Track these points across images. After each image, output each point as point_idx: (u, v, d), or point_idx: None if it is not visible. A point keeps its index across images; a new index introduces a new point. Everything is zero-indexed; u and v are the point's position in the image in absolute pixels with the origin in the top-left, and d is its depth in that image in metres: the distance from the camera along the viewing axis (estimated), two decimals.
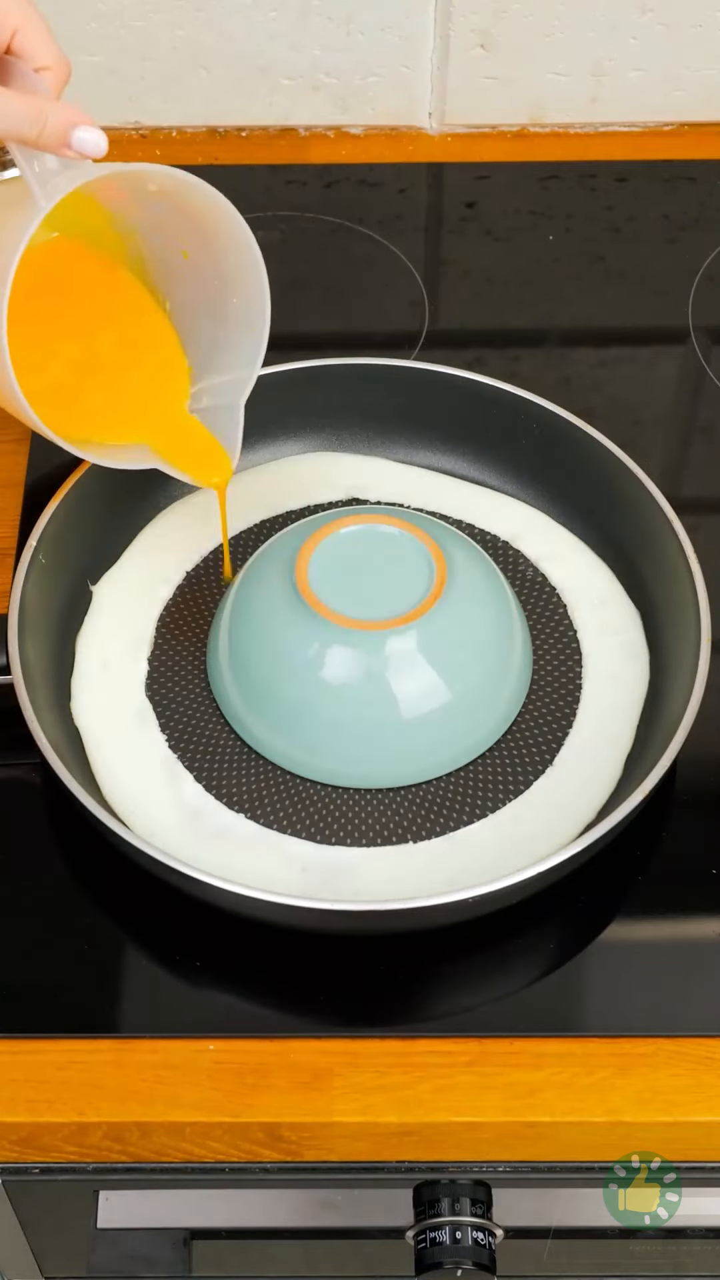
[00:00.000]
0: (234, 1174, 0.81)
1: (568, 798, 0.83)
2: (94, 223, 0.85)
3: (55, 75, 0.75)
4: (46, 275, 0.84)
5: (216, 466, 0.86)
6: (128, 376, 0.88)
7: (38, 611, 0.86)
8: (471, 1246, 0.80)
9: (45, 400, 0.80)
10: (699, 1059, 0.77)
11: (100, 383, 0.87)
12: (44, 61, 0.74)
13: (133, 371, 0.88)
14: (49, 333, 0.86)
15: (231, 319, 0.85)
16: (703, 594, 0.84)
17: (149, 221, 0.85)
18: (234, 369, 0.86)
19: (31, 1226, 0.91)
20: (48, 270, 0.84)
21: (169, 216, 0.83)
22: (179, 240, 0.84)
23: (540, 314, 1.10)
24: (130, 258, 0.87)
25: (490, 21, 1.13)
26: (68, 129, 0.72)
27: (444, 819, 0.83)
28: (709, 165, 1.17)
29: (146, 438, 0.87)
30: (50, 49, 0.74)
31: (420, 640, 0.83)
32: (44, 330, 0.85)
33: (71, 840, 0.84)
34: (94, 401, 0.87)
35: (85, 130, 0.72)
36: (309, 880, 0.81)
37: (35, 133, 0.71)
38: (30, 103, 0.71)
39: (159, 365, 0.88)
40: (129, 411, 0.88)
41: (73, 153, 0.72)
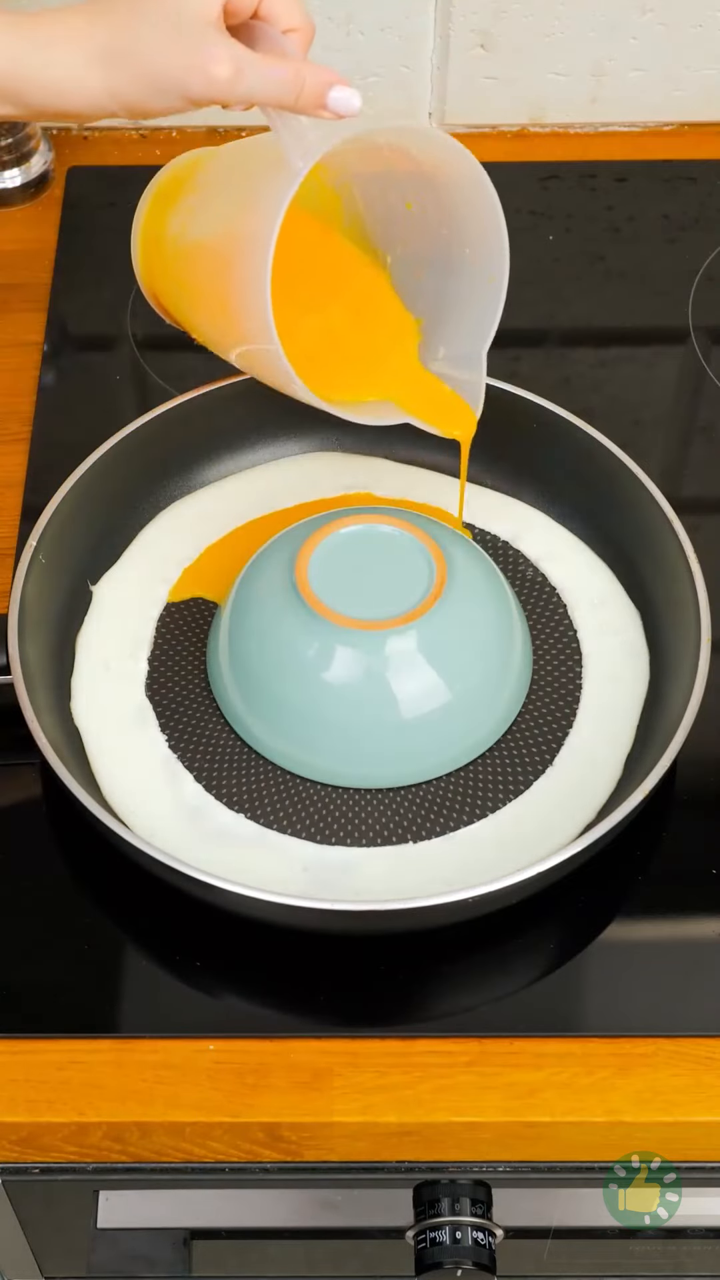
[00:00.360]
0: (234, 1174, 0.81)
1: (568, 798, 0.83)
2: (311, 181, 0.82)
3: (302, 36, 0.74)
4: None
5: (459, 418, 0.86)
6: (357, 337, 0.87)
7: (38, 611, 0.86)
8: (471, 1246, 0.80)
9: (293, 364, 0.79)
10: (699, 1059, 0.77)
11: (333, 345, 0.87)
12: (292, 23, 0.73)
13: (362, 332, 0.87)
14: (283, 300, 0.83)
15: (464, 269, 0.84)
16: (703, 594, 0.84)
17: (371, 174, 0.83)
18: (470, 318, 0.85)
19: (31, 1226, 0.91)
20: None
21: (395, 168, 0.81)
22: (404, 192, 0.83)
23: (540, 314, 1.10)
24: (345, 213, 0.86)
25: (490, 21, 1.13)
26: (324, 89, 0.71)
27: (444, 819, 0.83)
28: (709, 165, 1.17)
29: (387, 394, 0.86)
30: (297, 10, 0.74)
31: (420, 640, 0.83)
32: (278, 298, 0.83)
33: (71, 840, 0.84)
34: (331, 364, 0.86)
35: (340, 90, 0.72)
36: (309, 880, 0.81)
37: (294, 97, 0.71)
38: (287, 67, 0.71)
39: (387, 323, 0.87)
40: (365, 371, 0.87)
41: (329, 113, 0.72)
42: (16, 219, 1.14)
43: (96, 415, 1.01)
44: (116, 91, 0.70)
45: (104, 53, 0.70)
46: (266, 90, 0.71)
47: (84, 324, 1.09)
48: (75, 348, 1.08)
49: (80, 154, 1.18)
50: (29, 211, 1.14)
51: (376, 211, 0.85)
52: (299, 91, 0.71)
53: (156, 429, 0.92)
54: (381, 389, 0.86)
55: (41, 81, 0.70)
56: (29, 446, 1.00)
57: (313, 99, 0.71)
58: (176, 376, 1.03)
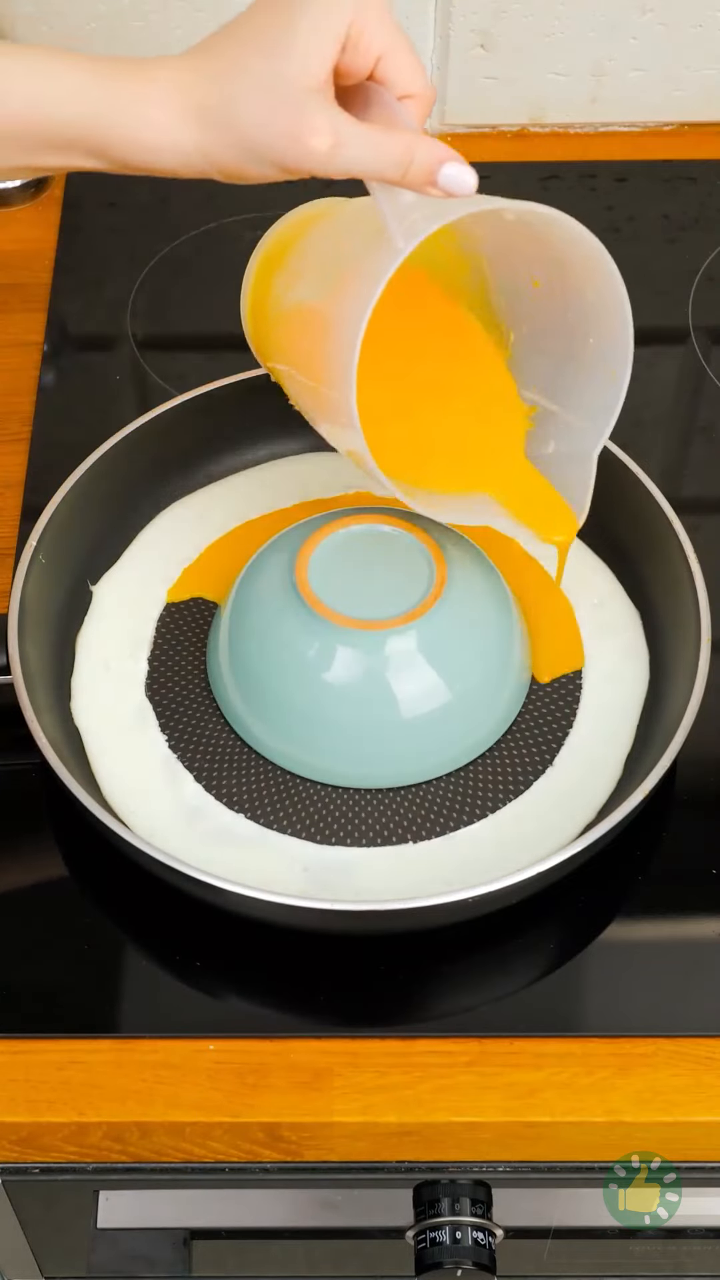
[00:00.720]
0: (234, 1174, 0.81)
1: (568, 798, 0.83)
2: (437, 245, 0.77)
3: (420, 104, 0.69)
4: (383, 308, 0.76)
5: (560, 522, 0.80)
6: (464, 421, 0.82)
7: (38, 611, 0.86)
8: (471, 1246, 0.80)
9: (384, 446, 0.76)
10: (699, 1059, 0.77)
11: (436, 428, 0.82)
12: (409, 89, 0.68)
13: (470, 415, 0.82)
14: (386, 374, 0.79)
15: (586, 358, 0.78)
16: (703, 594, 0.84)
17: (499, 245, 0.78)
18: (586, 413, 0.80)
19: (31, 1226, 0.91)
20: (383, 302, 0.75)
21: (522, 242, 0.76)
22: (531, 267, 0.78)
23: None
24: (472, 282, 0.81)
25: (490, 21, 1.13)
26: (435, 167, 0.66)
27: (444, 819, 0.83)
28: (709, 165, 1.17)
29: (487, 486, 0.81)
30: (417, 76, 0.68)
31: (420, 640, 0.83)
32: (381, 371, 0.78)
33: (71, 840, 0.84)
34: (430, 447, 0.81)
35: (454, 167, 0.66)
36: (309, 880, 0.81)
37: (400, 173, 0.66)
38: (397, 141, 0.65)
39: (498, 408, 0.82)
40: (466, 458, 0.82)
41: (438, 191, 0.66)
42: (16, 219, 1.14)
43: (96, 415, 1.01)
44: (210, 154, 0.65)
45: (200, 111, 0.65)
46: (370, 164, 0.66)
47: (84, 324, 1.09)
48: (75, 348, 1.08)
49: None
50: (29, 211, 1.15)
51: (504, 285, 0.80)
52: (407, 167, 0.66)
53: (156, 429, 0.92)
54: (482, 480, 0.81)
55: (132, 139, 0.65)
56: (29, 446, 1.00)
57: (422, 176, 0.66)
58: (176, 376, 1.03)
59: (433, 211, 0.68)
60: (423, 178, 0.66)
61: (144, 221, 1.13)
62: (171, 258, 1.11)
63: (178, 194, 1.15)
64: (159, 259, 1.10)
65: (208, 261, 1.10)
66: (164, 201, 1.15)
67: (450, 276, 0.80)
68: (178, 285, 1.09)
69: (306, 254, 0.77)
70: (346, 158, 0.65)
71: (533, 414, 0.82)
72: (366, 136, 0.65)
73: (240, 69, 0.65)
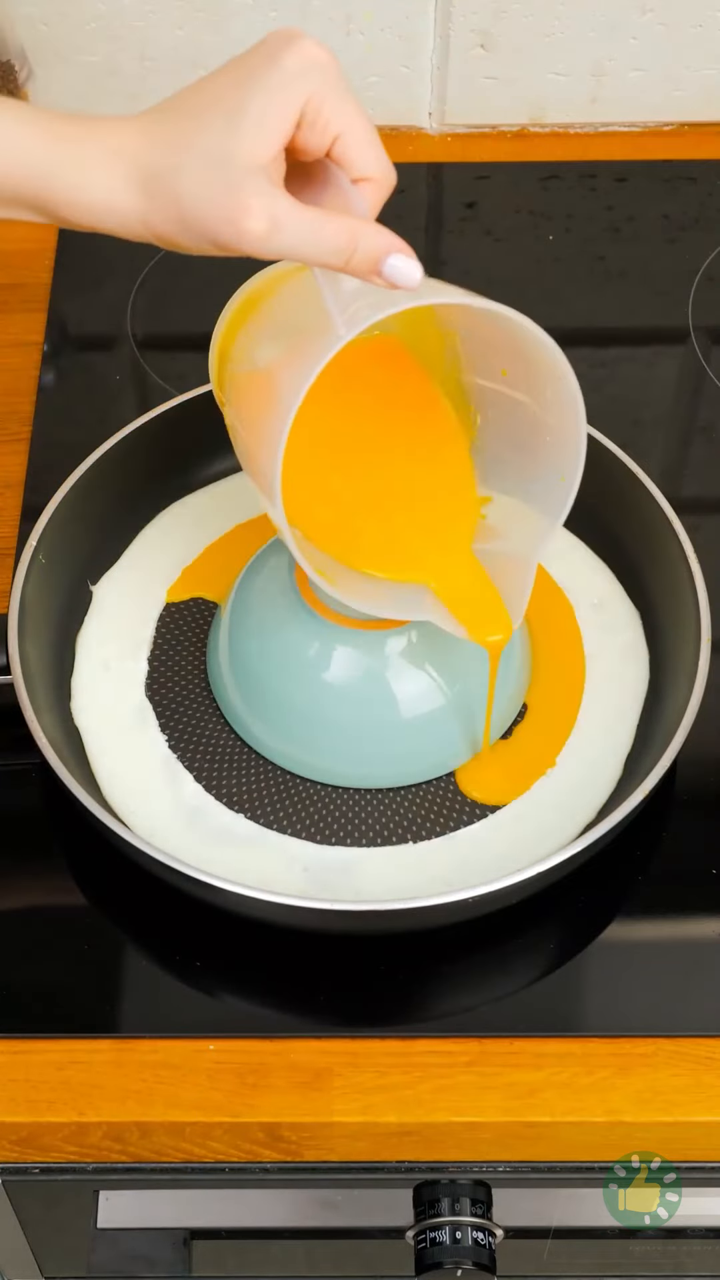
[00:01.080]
0: (234, 1174, 0.81)
1: (568, 798, 0.83)
2: (417, 315, 0.76)
3: (376, 189, 0.67)
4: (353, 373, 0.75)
5: (496, 623, 0.77)
6: (415, 504, 0.79)
7: (38, 611, 0.86)
8: (471, 1246, 0.80)
9: (326, 517, 0.75)
10: (699, 1059, 0.77)
11: (386, 507, 0.79)
12: (365, 172, 0.66)
13: (421, 499, 0.79)
14: (343, 441, 0.78)
15: (542, 456, 0.76)
16: (703, 594, 0.84)
17: (470, 325, 0.76)
18: (533, 514, 0.77)
19: (31, 1226, 0.91)
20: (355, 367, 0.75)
21: (491, 330, 0.73)
22: (499, 356, 0.75)
23: (540, 314, 1.09)
24: (447, 359, 0.78)
25: (490, 21, 1.13)
26: (380, 257, 0.64)
27: (444, 819, 0.83)
28: (709, 165, 1.17)
29: (426, 576, 0.78)
30: (372, 159, 0.66)
31: (420, 640, 0.83)
32: (338, 438, 0.78)
33: (71, 840, 0.84)
34: (377, 527, 0.79)
35: (399, 259, 0.64)
36: (309, 880, 0.81)
37: (342, 260, 0.64)
38: (341, 228, 0.63)
39: (450, 496, 0.79)
40: (411, 544, 0.79)
41: (382, 281, 0.64)
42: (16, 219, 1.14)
43: (96, 415, 1.01)
44: (149, 223, 0.64)
45: (144, 179, 0.63)
46: (308, 250, 0.64)
47: (84, 324, 1.09)
48: (75, 348, 1.08)
49: None
50: None
51: (475, 365, 0.77)
52: (349, 255, 0.64)
53: (156, 429, 0.92)
54: (423, 569, 0.78)
55: (75, 200, 0.64)
56: (29, 446, 1.00)
57: (365, 265, 0.64)
58: (176, 376, 1.03)
59: (377, 301, 0.66)
60: (366, 267, 0.64)
61: None
62: (171, 258, 1.10)
63: None
64: (159, 259, 1.10)
65: (208, 261, 1.10)
66: None
67: (428, 349, 0.78)
68: (178, 285, 1.09)
69: (268, 315, 0.75)
70: (283, 242, 0.63)
71: (487, 504, 0.80)
72: (307, 221, 0.63)
73: (188, 141, 0.63)
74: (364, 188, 0.66)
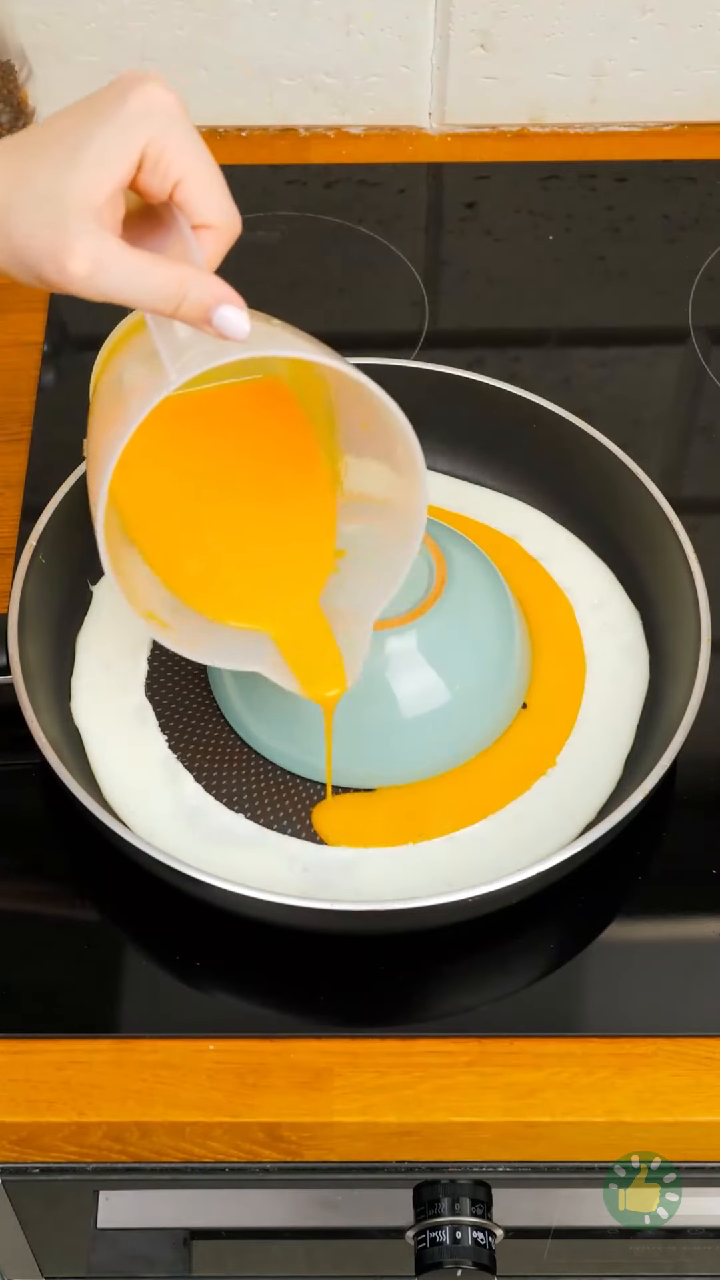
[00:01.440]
0: (234, 1174, 0.81)
1: (568, 798, 0.83)
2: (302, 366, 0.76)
3: (217, 236, 0.66)
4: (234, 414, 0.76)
5: (332, 679, 0.78)
6: (268, 553, 0.79)
7: (38, 611, 0.86)
8: (471, 1246, 0.80)
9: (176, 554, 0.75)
10: (699, 1059, 0.77)
11: (236, 553, 0.79)
12: (204, 219, 0.66)
13: (276, 546, 0.79)
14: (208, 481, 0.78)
15: (389, 514, 0.76)
16: (703, 594, 0.84)
17: (338, 384, 0.75)
18: (377, 572, 0.77)
19: (31, 1226, 0.91)
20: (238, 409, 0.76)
21: (352, 389, 0.72)
22: (360, 409, 0.74)
23: (540, 314, 1.10)
24: (324, 407, 0.77)
25: (490, 21, 1.13)
26: (211, 306, 0.63)
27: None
28: (709, 165, 1.17)
29: (268, 625, 0.78)
30: (213, 206, 0.66)
31: (420, 640, 0.83)
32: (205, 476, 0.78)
33: (71, 840, 0.84)
34: (223, 572, 0.78)
35: (228, 310, 0.64)
36: (309, 880, 0.81)
37: (171, 307, 0.63)
38: (170, 275, 0.63)
39: (306, 546, 0.79)
40: (259, 591, 0.79)
41: (213, 330, 0.64)
42: None
43: None
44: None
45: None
46: (135, 294, 0.63)
47: (84, 324, 1.09)
48: (75, 348, 1.08)
49: None
50: None
51: (345, 417, 0.77)
52: (179, 302, 0.63)
53: None
54: (266, 617, 0.78)
55: None
56: (29, 446, 1.00)
57: (195, 313, 0.64)
58: None
59: (211, 350, 0.66)
60: (196, 315, 0.64)
61: None
62: None
63: None
64: None
65: None
66: None
67: (312, 396, 0.78)
68: None
69: (123, 354, 0.74)
70: (107, 284, 0.63)
71: (341, 559, 0.79)
72: (134, 266, 0.63)
73: (26, 177, 0.63)
74: (204, 235, 0.66)
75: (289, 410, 0.78)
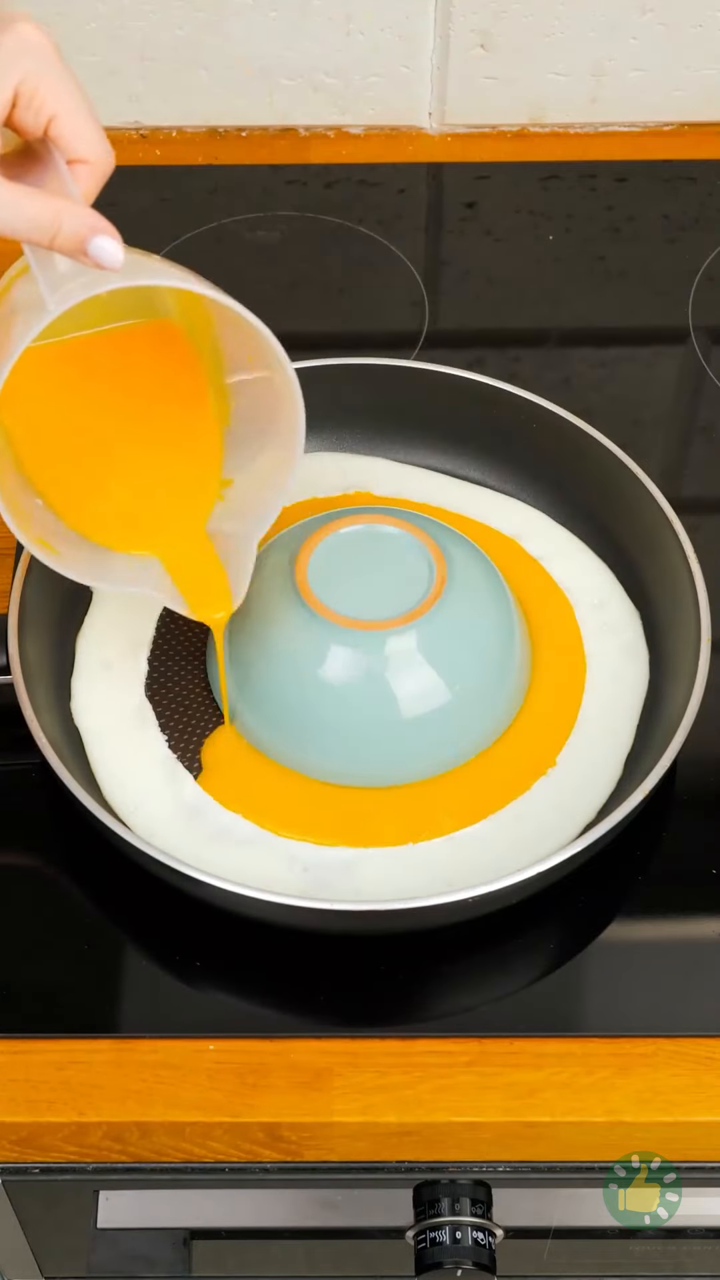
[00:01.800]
0: (234, 1174, 0.81)
1: (568, 798, 0.83)
2: (191, 304, 0.78)
3: (91, 170, 0.68)
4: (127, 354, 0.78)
5: (217, 599, 0.81)
6: (154, 482, 0.82)
7: (38, 611, 0.86)
8: (471, 1246, 0.80)
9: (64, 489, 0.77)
10: (699, 1059, 0.77)
11: (124, 482, 0.82)
12: (80, 154, 0.68)
13: (161, 478, 0.82)
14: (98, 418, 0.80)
15: (275, 443, 0.78)
16: (703, 594, 0.84)
17: (220, 316, 0.77)
18: (260, 498, 0.80)
19: (31, 1226, 0.91)
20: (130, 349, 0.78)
21: (230, 318, 0.74)
22: (242, 340, 0.76)
23: (540, 314, 1.10)
24: (210, 342, 0.80)
25: (490, 21, 1.13)
26: (86, 236, 0.65)
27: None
28: (709, 165, 1.17)
29: (157, 549, 0.81)
30: (86, 141, 0.68)
31: (420, 640, 0.83)
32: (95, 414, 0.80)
33: (71, 840, 0.84)
34: (113, 502, 0.81)
35: (103, 239, 0.66)
36: (309, 880, 0.81)
37: (48, 239, 0.65)
38: (44, 205, 0.65)
39: (194, 473, 0.82)
40: (146, 518, 0.82)
41: (89, 260, 0.66)
42: None
43: None
44: None
45: None
46: (11, 226, 0.65)
47: None
48: None
49: None
50: None
51: (230, 351, 0.79)
52: (54, 233, 0.65)
53: None
54: (154, 542, 0.81)
55: None
56: None
57: (70, 243, 0.65)
58: None
59: (89, 280, 0.67)
60: (72, 245, 0.65)
61: (144, 222, 1.13)
62: (171, 258, 1.11)
63: (178, 194, 1.15)
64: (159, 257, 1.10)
65: (208, 261, 1.10)
66: (164, 202, 1.15)
67: (199, 338, 0.80)
68: None
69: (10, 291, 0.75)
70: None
71: (228, 487, 0.82)
72: (7, 198, 0.65)
73: None
74: (79, 169, 0.68)
75: (178, 350, 0.80)
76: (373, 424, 0.97)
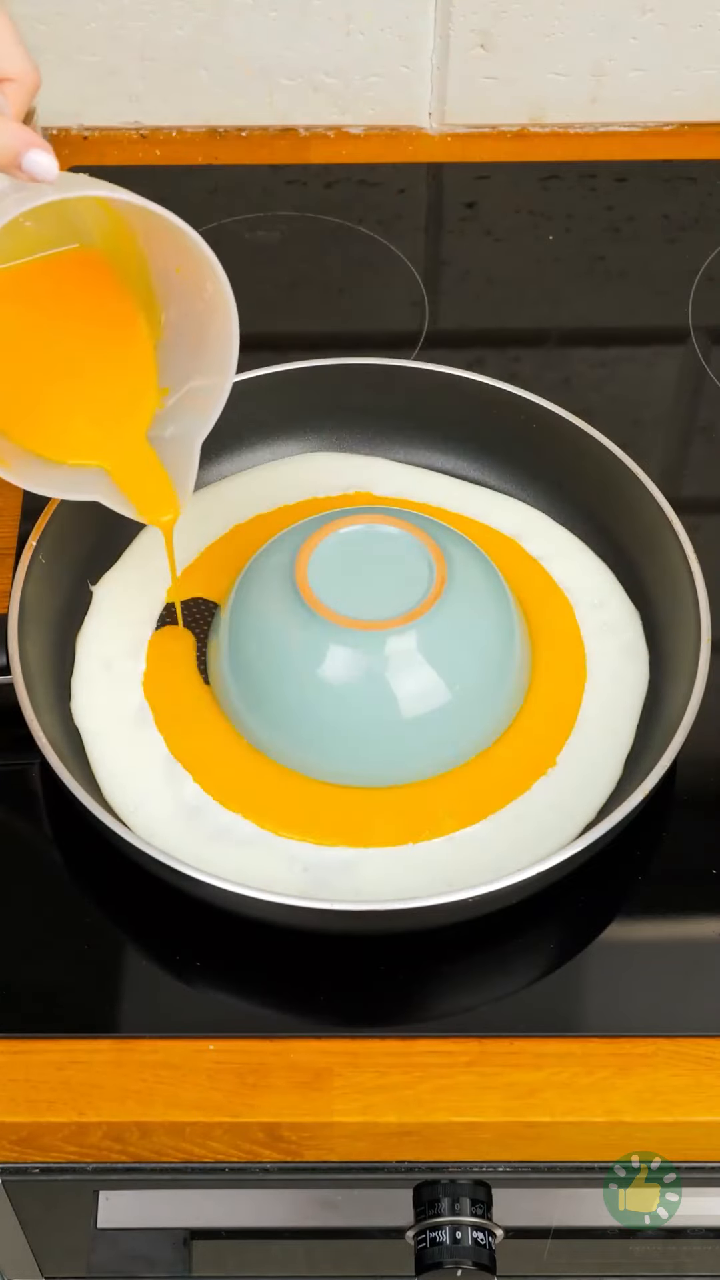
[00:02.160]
0: (234, 1174, 0.81)
1: (568, 798, 0.83)
2: (111, 228, 0.81)
3: (19, 88, 0.71)
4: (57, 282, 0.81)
5: (164, 504, 0.83)
6: (93, 395, 0.85)
7: (38, 611, 0.86)
8: (471, 1246, 0.80)
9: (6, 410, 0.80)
10: (699, 1059, 0.77)
11: (64, 397, 0.84)
12: (4, 72, 0.70)
13: (99, 391, 0.85)
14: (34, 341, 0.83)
15: (208, 349, 0.80)
16: (703, 594, 0.84)
17: (146, 229, 0.79)
18: (199, 403, 0.82)
19: (31, 1226, 0.91)
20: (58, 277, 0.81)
21: (161, 230, 0.77)
22: (173, 255, 0.79)
23: (540, 314, 1.10)
24: (136, 262, 0.82)
25: (490, 21, 1.13)
26: (20, 150, 0.68)
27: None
28: (709, 165, 1.17)
29: (102, 459, 0.84)
30: (10, 59, 0.70)
31: (420, 640, 0.83)
32: (31, 337, 0.83)
33: (71, 840, 0.84)
34: (56, 417, 0.84)
35: (36, 153, 0.68)
36: (309, 880, 0.81)
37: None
38: None
39: (129, 384, 0.84)
40: (87, 430, 0.84)
41: (24, 175, 0.69)
42: None
43: None
44: None
45: None
46: None
47: None
48: None
49: (80, 154, 1.18)
50: None
51: (157, 267, 0.81)
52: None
53: None
54: (98, 453, 0.84)
55: None
56: None
57: (5, 158, 0.68)
58: None
59: (24, 195, 0.70)
60: (6, 160, 0.68)
61: None
62: None
63: (178, 194, 1.15)
64: None
65: None
66: (164, 201, 1.14)
67: (124, 256, 0.83)
68: None
69: None
70: None
71: (165, 396, 0.84)
72: None
73: None
74: (6, 88, 0.70)
75: (104, 275, 0.83)
76: (373, 424, 0.97)
